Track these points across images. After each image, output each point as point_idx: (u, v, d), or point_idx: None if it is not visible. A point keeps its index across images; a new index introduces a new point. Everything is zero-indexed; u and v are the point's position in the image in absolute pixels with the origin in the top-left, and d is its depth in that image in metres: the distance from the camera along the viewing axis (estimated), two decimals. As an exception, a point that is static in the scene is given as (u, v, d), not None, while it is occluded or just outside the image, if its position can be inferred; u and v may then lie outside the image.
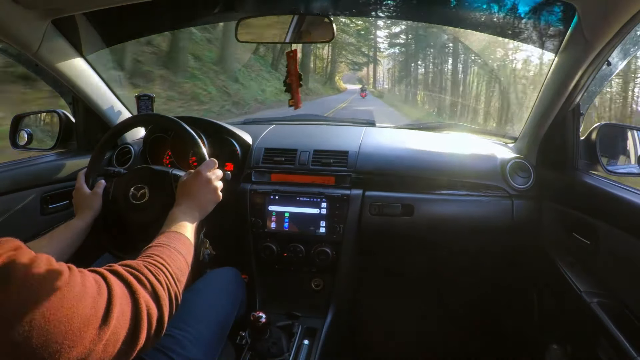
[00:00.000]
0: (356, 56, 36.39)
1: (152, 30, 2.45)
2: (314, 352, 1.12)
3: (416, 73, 27.82)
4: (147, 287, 0.57)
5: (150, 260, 0.64)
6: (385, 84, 41.22)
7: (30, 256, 0.46)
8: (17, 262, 0.44)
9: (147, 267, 0.61)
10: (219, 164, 1.36)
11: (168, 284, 0.61)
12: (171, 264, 0.65)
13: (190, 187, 0.88)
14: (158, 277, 0.60)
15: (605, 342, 0.86)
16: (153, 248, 0.68)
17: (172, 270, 0.64)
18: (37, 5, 0.96)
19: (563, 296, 1.03)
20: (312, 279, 1.34)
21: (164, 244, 0.70)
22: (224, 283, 1.10)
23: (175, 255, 0.68)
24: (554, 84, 1.06)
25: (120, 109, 1.45)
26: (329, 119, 1.91)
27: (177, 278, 0.64)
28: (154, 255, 0.65)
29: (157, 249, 0.68)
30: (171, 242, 0.71)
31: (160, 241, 0.71)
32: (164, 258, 0.65)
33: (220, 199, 0.92)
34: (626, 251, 0.85)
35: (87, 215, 0.95)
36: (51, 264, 0.47)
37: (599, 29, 0.84)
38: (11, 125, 1.34)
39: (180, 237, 0.74)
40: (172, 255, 0.67)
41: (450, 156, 1.35)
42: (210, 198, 0.89)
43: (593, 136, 1.06)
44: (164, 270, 0.63)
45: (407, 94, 28.45)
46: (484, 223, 1.25)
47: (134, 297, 0.54)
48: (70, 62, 1.20)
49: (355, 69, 39.82)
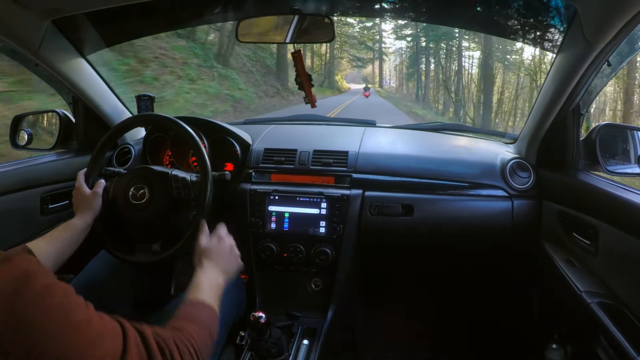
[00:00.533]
0: (359, 51, 32.85)
1: (152, 30, 2.46)
2: (313, 352, 1.12)
3: (428, 68, 23.88)
4: (168, 358, 0.55)
5: (180, 334, 0.61)
6: (392, 82, 37.43)
7: (47, 281, 0.43)
8: (30, 283, 0.41)
9: (176, 343, 0.59)
10: (219, 164, 1.36)
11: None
12: (198, 341, 0.63)
13: (215, 253, 0.88)
14: (183, 355, 0.58)
15: (605, 342, 0.86)
16: (182, 321, 0.66)
17: (198, 349, 0.62)
18: (38, 5, 0.96)
19: (563, 296, 1.02)
20: (312, 279, 1.34)
21: (193, 318, 0.68)
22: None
23: (204, 333, 0.66)
24: (554, 84, 1.06)
25: (120, 108, 1.45)
26: (329, 119, 1.91)
27: (201, 357, 0.63)
28: (184, 330, 0.63)
29: (187, 324, 0.65)
30: (200, 315, 0.70)
31: (190, 313, 0.69)
32: (193, 336, 0.63)
33: (242, 267, 0.93)
34: (626, 251, 0.85)
35: (86, 215, 0.94)
36: (68, 296, 0.45)
37: (599, 29, 0.84)
38: (11, 126, 1.34)
39: (208, 310, 0.73)
40: (200, 333, 0.65)
41: (450, 156, 1.35)
42: (234, 266, 0.91)
43: (593, 136, 1.06)
44: (190, 349, 0.60)
45: (417, 92, 25.25)
46: (483, 223, 1.25)
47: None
48: (70, 61, 1.20)
49: (359, 65, 36.47)
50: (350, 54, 33.06)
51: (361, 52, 33.31)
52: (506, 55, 17.43)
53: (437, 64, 22.44)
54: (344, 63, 35.59)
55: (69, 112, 1.38)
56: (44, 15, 1.01)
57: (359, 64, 36.10)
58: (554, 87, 1.06)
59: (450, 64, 21.17)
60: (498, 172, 1.27)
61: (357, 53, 33.15)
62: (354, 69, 38.29)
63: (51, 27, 1.07)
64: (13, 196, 1.12)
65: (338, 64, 34.05)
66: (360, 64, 35.98)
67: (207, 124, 1.36)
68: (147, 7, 1.03)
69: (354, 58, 34.15)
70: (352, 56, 33.70)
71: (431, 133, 1.60)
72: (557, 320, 1.15)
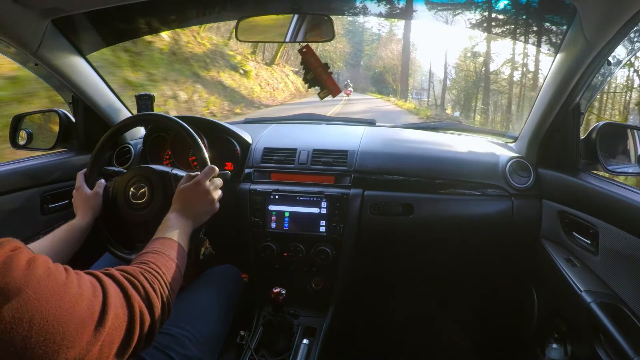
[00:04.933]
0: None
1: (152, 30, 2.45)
2: (313, 352, 1.12)
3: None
4: (142, 293, 0.58)
5: (146, 267, 0.64)
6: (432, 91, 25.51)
7: (28, 257, 0.46)
8: (15, 264, 0.44)
9: (143, 274, 0.61)
10: (219, 163, 1.36)
11: (162, 292, 0.62)
12: (166, 273, 0.66)
13: (188, 195, 0.88)
14: (153, 284, 0.61)
15: (605, 342, 0.86)
16: (149, 255, 0.69)
17: (166, 279, 0.65)
18: (37, 5, 0.96)
19: (563, 296, 1.02)
20: (312, 279, 1.34)
21: (159, 251, 0.70)
22: (223, 281, 1.10)
23: (170, 264, 0.69)
24: (554, 83, 1.06)
25: (120, 108, 1.45)
26: (328, 119, 1.91)
27: (170, 287, 0.65)
28: (150, 263, 0.66)
29: (153, 256, 0.68)
30: (166, 249, 0.72)
31: (155, 248, 0.72)
32: (159, 266, 0.66)
33: (217, 210, 0.93)
34: (626, 251, 0.85)
35: (87, 215, 0.95)
36: (49, 265, 0.48)
37: (599, 29, 0.84)
38: (11, 125, 1.34)
39: (175, 245, 0.75)
40: (167, 264, 0.68)
41: (450, 156, 1.35)
42: (206, 209, 0.90)
43: (593, 135, 1.05)
44: (159, 279, 0.63)
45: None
46: (483, 222, 1.25)
47: (129, 302, 0.55)
48: (70, 61, 1.20)
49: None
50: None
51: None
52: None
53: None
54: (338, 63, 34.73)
55: (69, 111, 1.38)
56: (44, 15, 1.01)
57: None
58: (554, 86, 1.06)
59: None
60: (498, 171, 1.27)
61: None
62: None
63: (51, 27, 1.07)
64: (13, 196, 1.12)
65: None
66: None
67: (207, 123, 1.36)
68: (147, 6, 1.03)
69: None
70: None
71: (431, 132, 1.60)
72: (557, 320, 1.14)
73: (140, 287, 0.58)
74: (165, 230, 0.78)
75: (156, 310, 0.59)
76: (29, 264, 0.45)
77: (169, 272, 0.67)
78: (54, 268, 0.48)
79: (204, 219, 0.90)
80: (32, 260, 0.46)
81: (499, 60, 18.80)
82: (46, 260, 0.48)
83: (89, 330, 0.47)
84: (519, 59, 15.86)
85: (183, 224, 0.83)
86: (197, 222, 0.88)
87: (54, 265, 0.49)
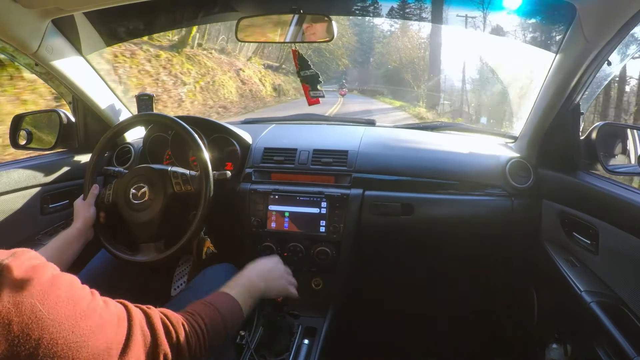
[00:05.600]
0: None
1: (152, 30, 2.46)
2: (313, 352, 1.12)
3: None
4: (173, 342, 0.56)
5: (190, 318, 0.62)
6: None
7: (53, 275, 0.44)
8: (36, 277, 0.42)
9: (184, 325, 0.59)
10: (219, 163, 1.36)
11: (196, 348, 0.59)
12: (209, 325, 0.63)
13: (267, 265, 0.92)
14: (189, 337, 0.58)
15: (605, 342, 0.86)
16: (198, 305, 0.67)
17: (207, 333, 0.62)
18: (37, 5, 0.96)
19: (563, 296, 1.03)
20: (312, 279, 1.34)
21: (210, 303, 0.69)
22: (222, 280, 1.10)
23: (216, 318, 0.66)
24: (554, 83, 1.06)
25: (120, 108, 1.45)
26: (328, 119, 1.91)
27: (209, 340, 0.62)
28: (196, 314, 0.64)
29: (201, 307, 0.66)
30: (218, 303, 0.70)
31: (209, 299, 0.70)
32: (204, 319, 0.63)
33: (289, 293, 0.95)
34: (626, 251, 0.85)
35: (77, 222, 0.98)
36: (72, 287, 0.46)
37: (599, 29, 0.84)
38: (11, 125, 1.34)
39: (229, 301, 0.73)
40: (214, 317, 0.66)
41: (450, 156, 1.35)
42: (281, 284, 0.92)
43: (593, 135, 1.05)
44: (199, 333, 0.61)
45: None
46: (483, 222, 1.25)
47: (154, 348, 0.52)
48: (70, 61, 1.20)
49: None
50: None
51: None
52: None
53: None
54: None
55: (69, 112, 1.38)
56: (44, 15, 1.01)
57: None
58: (554, 86, 1.06)
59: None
60: (498, 171, 1.27)
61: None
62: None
63: (51, 27, 1.07)
64: (13, 196, 1.12)
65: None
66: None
67: (207, 124, 1.36)
68: (147, 6, 1.03)
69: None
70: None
71: (431, 132, 1.60)
72: (557, 320, 1.15)
73: (173, 335, 0.56)
74: (229, 287, 0.77)
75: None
76: (52, 281, 0.44)
77: (213, 326, 0.64)
78: (78, 291, 0.46)
79: (274, 293, 0.91)
80: (56, 278, 0.44)
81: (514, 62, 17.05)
82: (72, 281, 0.46)
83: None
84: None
85: (252, 285, 0.82)
86: (266, 291, 0.86)
87: (79, 288, 0.47)
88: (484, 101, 14.60)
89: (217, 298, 0.72)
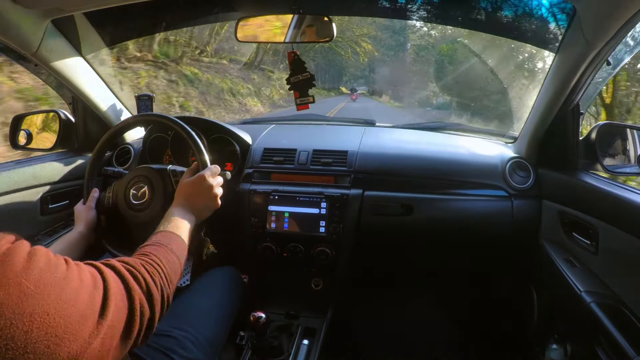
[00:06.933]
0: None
1: (152, 30, 2.46)
2: (313, 352, 1.12)
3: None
4: (142, 285, 0.58)
5: (147, 259, 0.64)
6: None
7: (29, 250, 0.46)
8: (16, 256, 0.43)
9: (144, 266, 0.61)
10: (219, 164, 1.36)
11: (162, 285, 0.62)
12: (166, 265, 0.65)
13: (191, 189, 0.89)
14: (153, 277, 0.61)
15: (605, 342, 0.86)
16: (150, 247, 0.69)
17: (166, 272, 0.64)
18: (37, 5, 0.96)
19: (563, 296, 1.02)
20: (312, 279, 1.34)
21: (161, 243, 0.70)
22: (223, 283, 1.10)
23: (171, 257, 0.69)
24: (553, 83, 1.06)
25: (120, 108, 1.45)
26: (328, 119, 1.91)
27: (170, 280, 0.65)
28: (151, 254, 0.66)
29: (154, 248, 0.68)
30: (168, 242, 0.72)
31: (157, 240, 0.72)
32: (160, 259, 0.66)
33: (219, 207, 0.93)
34: (626, 251, 0.85)
35: (79, 225, 0.97)
36: (49, 257, 0.47)
37: (599, 29, 0.84)
38: (11, 125, 1.34)
39: (176, 238, 0.75)
40: (167, 257, 0.68)
41: (449, 156, 1.35)
42: (208, 204, 0.90)
43: (593, 135, 1.06)
44: (159, 271, 0.63)
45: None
46: (483, 223, 1.25)
47: (129, 294, 0.54)
48: (70, 62, 1.20)
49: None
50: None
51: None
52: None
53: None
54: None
55: (69, 112, 1.38)
56: (44, 16, 1.01)
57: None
58: (554, 86, 1.06)
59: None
60: (498, 171, 1.27)
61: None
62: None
63: (51, 27, 1.07)
64: (13, 196, 1.12)
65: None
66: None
67: (207, 124, 1.36)
68: (147, 6, 1.03)
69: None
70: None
71: (431, 133, 1.60)
72: (557, 320, 1.15)
73: (141, 279, 0.58)
74: (168, 224, 0.78)
75: (156, 302, 0.59)
76: (30, 256, 0.45)
77: (170, 264, 0.67)
78: (55, 260, 0.48)
79: (206, 214, 0.91)
80: (33, 253, 0.45)
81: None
82: (46, 252, 0.48)
83: (91, 323, 0.46)
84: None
85: (186, 217, 0.83)
86: (200, 217, 0.88)
87: (54, 257, 0.48)
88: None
89: (163, 238, 0.73)
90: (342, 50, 20.53)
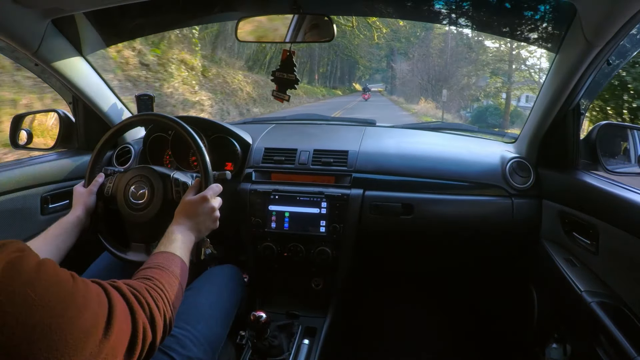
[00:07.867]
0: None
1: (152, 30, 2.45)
2: (313, 352, 1.12)
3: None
4: (146, 310, 0.59)
5: (151, 284, 0.65)
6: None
7: (37, 261, 0.46)
8: (23, 267, 0.43)
9: (148, 291, 0.62)
10: (219, 163, 1.36)
11: (165, 310, 0.63)
12: (169, 290, 0.67)
13: (193, 210, 0.90)
14: (157, 302, 0.62)
15: (605, 342, 0.86)
16: (153, 270, 0.69)
17: (169, 297, 0.66)
18: (37, 5, 0.96)
19: (563, 296, 1.02)
20: (312, 279, 1.34)
21: (163, 267, 0.71)
22: (224, 281, 1.10)
23: (173, 282, 0.70)
24: (554, 83, 1.06)
25: (120, 108, 1.45)
26: (329, 119, 1.91)
27: (173, 305, 0.66)
28: (154, 279, 0.67)
29: (158, 273, 0.69)
30: (170, 265, 0.73)
31: (159, 263, 0.72)
32: (164, 284, 0.67)
33: (217, 228, 0.94)
34: (626, 251, 0.85)
35: (77, 210, 0.96)
36: (57, 271, 0.47)
37: (599, 29, 0.84)
38: (11, 125, 1.34)
39: (178, 262, 0.76)
40: (170, 281, 0.69)
41: (450, 156, 1.35)
42: (209, 226, 0.92)
43: (593, 135, 1.06)
44: (163, 297, 0.64)
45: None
46: (483, 222, 1.25)
47: (134, 318, 0.55)
48: (70, 61, 1.20)
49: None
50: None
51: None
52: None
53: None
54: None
55: (69, 112, 1.38)
56: (44, 15, 1.01)
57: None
58: (554, 86, 1.06)
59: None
60: (498, 171, 1.27)
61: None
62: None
63: (51, 27, 1.07)
64: (13, 196, 1.12)
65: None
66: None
67: (207, 124, 1.36)
68: (147, 6, 1.03)
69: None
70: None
71: (431, 132, 1.60)
72: (557, 320, 1.15)
73: (145, 304, 0.59)
74: (169, 244, 0.79)
75: (158, 328, 0.60)
76: (38, 267, 0.45)
77: (172, 289, 0.68)
78: (62, 275, 0.48)
79: (205, 234, 0.92)
80: (41, 265, 0.45)
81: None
82: (55, 265, 0.48)
83: (93, 341, 0.46)
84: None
85: (186, 238, 0.84)
86: (198, 236, 0.90)
87: (61, 271, 0.48)
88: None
89: (165, 261, 0.73)
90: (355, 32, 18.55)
